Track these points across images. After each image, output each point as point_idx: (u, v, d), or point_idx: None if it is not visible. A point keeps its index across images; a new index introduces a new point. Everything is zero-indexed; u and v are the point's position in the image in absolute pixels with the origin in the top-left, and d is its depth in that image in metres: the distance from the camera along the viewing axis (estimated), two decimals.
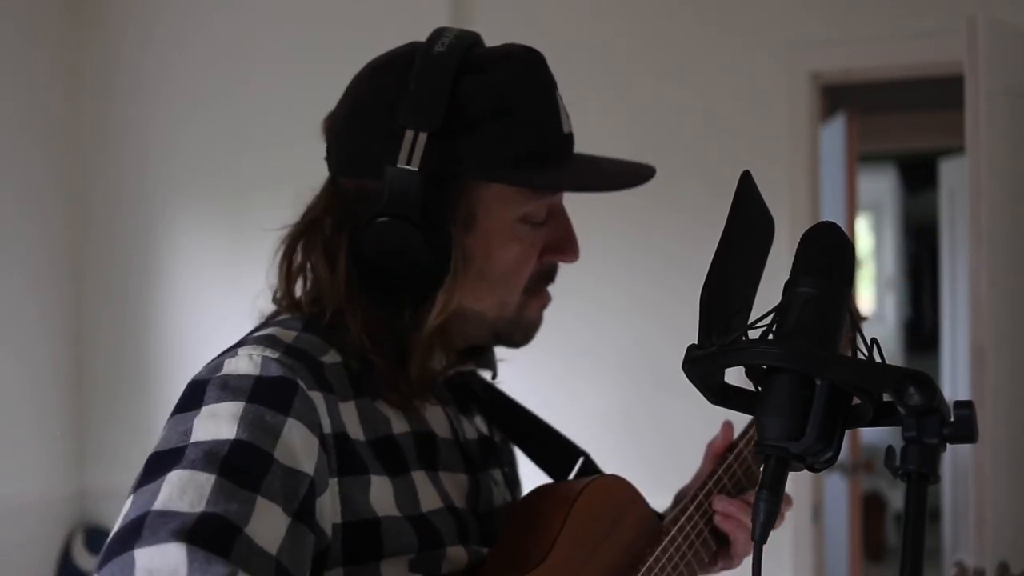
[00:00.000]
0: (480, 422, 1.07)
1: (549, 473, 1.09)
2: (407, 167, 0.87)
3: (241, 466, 0.75)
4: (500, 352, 1.06)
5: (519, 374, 1.13)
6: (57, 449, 3.33)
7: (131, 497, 0.75)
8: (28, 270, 3.23)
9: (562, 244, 0.98)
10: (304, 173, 1.00)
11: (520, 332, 0.99)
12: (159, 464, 0.76)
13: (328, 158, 0.96)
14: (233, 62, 3.28)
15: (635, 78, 3.01)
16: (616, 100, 2.99)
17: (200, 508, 0.71)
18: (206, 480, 0.73)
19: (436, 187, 0.88)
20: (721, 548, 1.08)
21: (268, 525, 0.74)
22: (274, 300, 0.96)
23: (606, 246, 2.81)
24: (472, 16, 3.05)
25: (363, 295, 0.91)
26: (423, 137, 0.87)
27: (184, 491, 0.72)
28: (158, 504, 0.72)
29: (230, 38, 3.28)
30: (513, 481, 1.11)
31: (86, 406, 3.40)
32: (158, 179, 3.35)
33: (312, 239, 0.93)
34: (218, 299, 3.25)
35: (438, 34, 0.93)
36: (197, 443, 0.76)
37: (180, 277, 3.33)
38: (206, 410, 0.79)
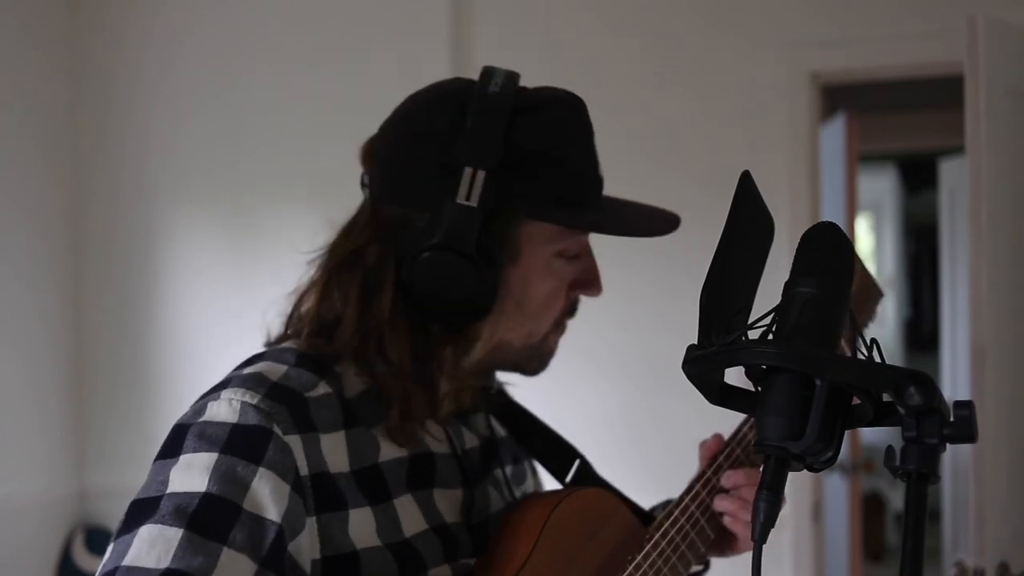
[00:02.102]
0: (482, 422, 1.08)
1: (551, 472, 1.12)
2: (467, 203, 0.90)
3: (209, 519, 0.78)
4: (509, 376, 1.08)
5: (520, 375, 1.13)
6: (57, 449, 3.33)
7: (112, 544, 0.79)
8: (28, 270, 3.23)
9: (588, 279, 1.02)
10: (303, 173, 1.00)
11: (537, 360, 1.03)
12: (137, 514, 0.79)
13: (370, 185, 0.98)
14: (233, 61, 3.28)
15: (635, 78, 3.01)
16: (616, 100, 2.99)
17: (165, 564, 0.75)
18: (174, 535, 0.76)
19: (490, 223, 0.92)
20: (724, 540, 1.08)
21: (234, 574, 0.77)
22: (287, 321, 0.97)
23: (605, 246, 2.80)
24: (472, 17, 3.05)
25: (403, 327, 0.93)
26: (481, 174, 0.91)
27: (152, 546, 0.76)
28: (128, 559, 0.76)
29: (229, 37, 3.28)
30: (518, 478, 1.13)
31: (86, 406, 3.40)
32: (158, 178, 3.35)
33: (352, 268, 0.94)
34: (218, 298, 3.25)
35: (489, 73, 0.96)
36: (171, 495, 0.79)
37: (180, 277, 3.33)
38: (183, 460, 0.82)
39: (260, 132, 3.23)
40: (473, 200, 0.90)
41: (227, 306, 3.20)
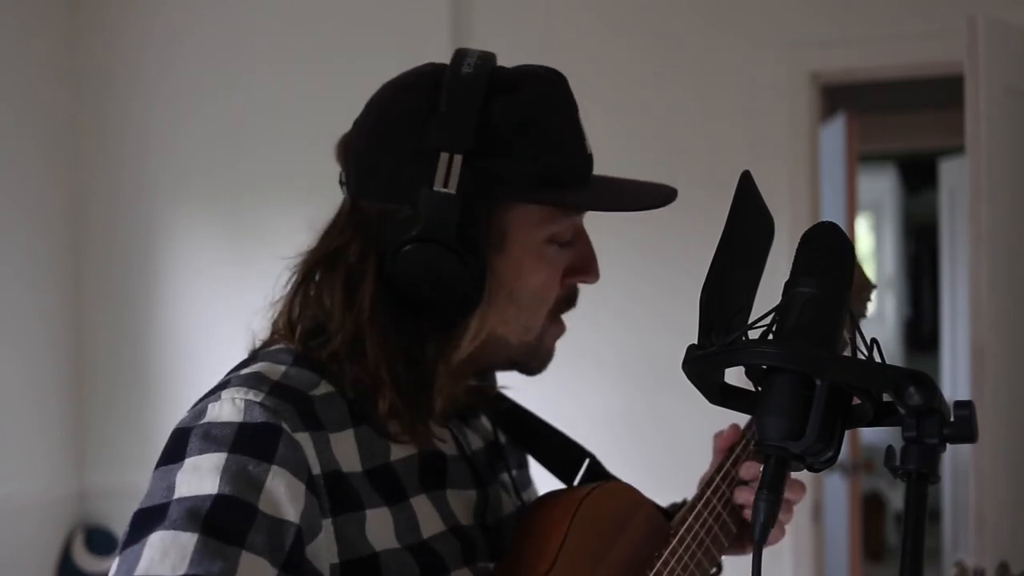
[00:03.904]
0: (485, 426, 1.06)
1: (556, 475, 1.09)
2: (444, 190, 0.85)
3: (224, 522, 0.74)
4: (507, 378, 1.05)
5: (520, 375, 1.13)
6: (57, 449, 3.33)
7: (117, 558, 0.75)
8: (28, 270, 3.23)
9: (584, 265, 0.97)
10: (303, 173, 0.99)
11: (537, 360, 0.98)
12: (144, 523, 0.75)
13: (347, 181, 0.93)
14: (232, 61, 3.28)
15: (635, 78, 3.01)
16: (616, 100, 2.99)
17: (182, 571, 0.71)
18: (188, 540, 0.72)
19: (471, 209, 0.86)
20: (744, 534, 1.06)
21: None
22: (273, 326, 0.93)
23: (605, 246, 2.79)
24: (471, 15, 3.05)
25: (386, 324, 0.88)
26: (458, 159, 0.85)
27: (166, 554, 0.72)
28: (140, 569, 0.71)
29: (229, 37, 3.28)
30: (523, 483, 1.10)
31: (86, 406, 3.40)
32: (158, 178, 3.35)
33: (334, 267, 0.90)
34: (218, 298, 3.25)
35: (462, 55, 0.91)
36: (180, 500, 0.75)
37: (180, 277, 3.33)
38: (189, 463, 0.77)
39: (260, 132, 3.23)
40: (451, 186, 0.84)
41: (227, 306, 3.20)
